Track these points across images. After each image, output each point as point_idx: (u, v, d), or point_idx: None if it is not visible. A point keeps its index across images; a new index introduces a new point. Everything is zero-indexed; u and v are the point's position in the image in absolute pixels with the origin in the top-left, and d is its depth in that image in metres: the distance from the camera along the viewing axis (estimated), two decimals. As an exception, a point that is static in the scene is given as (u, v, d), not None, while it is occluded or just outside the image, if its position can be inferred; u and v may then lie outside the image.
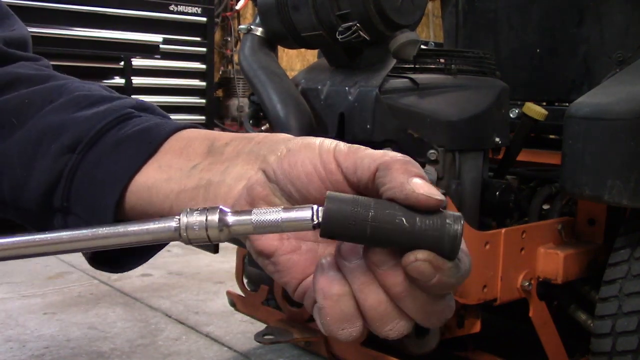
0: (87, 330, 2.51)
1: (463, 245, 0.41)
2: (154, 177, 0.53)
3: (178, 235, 0.44)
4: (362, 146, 0.45)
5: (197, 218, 0.44)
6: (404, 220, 0.40)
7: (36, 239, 0.45)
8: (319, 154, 0.45)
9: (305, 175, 0.45)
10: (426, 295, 0.41)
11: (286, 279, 0.48)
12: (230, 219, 0.44)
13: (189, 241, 0.44)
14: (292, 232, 0.45)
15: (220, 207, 0.44)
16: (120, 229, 0.45)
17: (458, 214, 0.41)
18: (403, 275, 0.41)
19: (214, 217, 0.44)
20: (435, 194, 0.41)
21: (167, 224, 0.44)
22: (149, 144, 0.54)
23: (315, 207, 0.42)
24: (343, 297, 0.42)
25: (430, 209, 0.41)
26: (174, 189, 0.52)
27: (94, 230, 0.45)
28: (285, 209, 0.43)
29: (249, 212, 0.44)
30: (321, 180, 0.45)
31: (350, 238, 0.41)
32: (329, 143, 0.46)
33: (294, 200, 0.47)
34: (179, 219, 0.44)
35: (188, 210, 0.44)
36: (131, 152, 0.54)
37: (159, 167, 0.53)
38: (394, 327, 0.43)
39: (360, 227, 0.40)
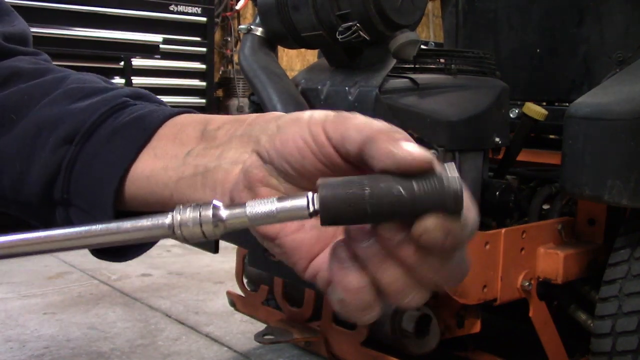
0: (87, 330, 2.51)
1: (465, 198, 0.41)
2: (152, 166, 0.53)
3: (172, 232, 0.43)
4: (350, 114, 0.44)
5: (190, 214, 0.43)
6: (402, 190, 0.39)
7: (29, 237, 0.44)
8: (308, 127, 0.44)
9: (298, 151, 0.45)
10: (440, 258, 0.41)
11: (294, 260, 0.47)
12: (224, 213, 0.43)
13: (184, 238, 0.43)
14: (289, 221, 0.44)
15: (214, 202, 0.43)
16: (113, 226, 0.44)
17: (452, 166, 0.40)
18: (415, 246, 0.41)
19: (208, 213, 0.43)
20: (425, 155, 0.40)
21: (160, 221, 0.43)
22: (143, 131, 0.54)
23: (310, 194, 0.41)
24: (363, 288, 0.42)
25: (423, 172, 0.40)
26: (172, 177, 0.52)
27: (87, 228, 0.44)
28: (280, 199, 0.42)
29: (242, 205, 0.43)
30: (314, 154, 0.44)
31: (352, 221, 0.40)
32: (319, 115, 0.45)
33: (291, 177, 0.46)
34: (172, 216, 0.43)
35: (181, 207, 0.43)
36: (126, 141, 0.54)
37: (155, 155, 0.53)
38: (413, 298, 0.43)
39: (359, 207, 0.39)
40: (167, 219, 0.43)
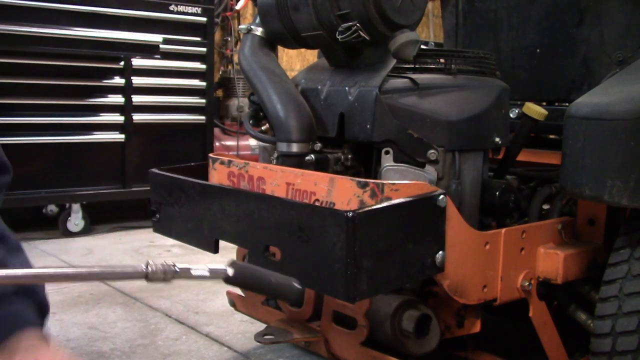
0: (87, 330, 2.51)
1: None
2: None
3: (145, 276, 0.74)
4: None
5: (158, 268, 0.76)
6: (272, 279, 0.83)
7: (32, 273, 0.71)
8: None
9: None
10: None
11: None
12: (177, 267, 0.78)
13: (148, 279, 0.75)
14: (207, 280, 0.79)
15: (172, 263, 0.76)
16: (97, 270, 0.74)
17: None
18: None
19: (170, 268, 0.77)
20: None
21: (137, 271, 0.75)
22: None
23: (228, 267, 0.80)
24: None
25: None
26: None
27: (75, 271, 0.73)
28: (209, 265, 0.81)
29: (188, 266, 0.78)
30: None
31: (247, 288, 0.68)
32: None
33: None
34: (146, 269, 0.75)
35: (150, 263, 0.74)
36: None
37: None
38: None
39: (253, 283, 0.84)
40: (142, 269, 0.75)
